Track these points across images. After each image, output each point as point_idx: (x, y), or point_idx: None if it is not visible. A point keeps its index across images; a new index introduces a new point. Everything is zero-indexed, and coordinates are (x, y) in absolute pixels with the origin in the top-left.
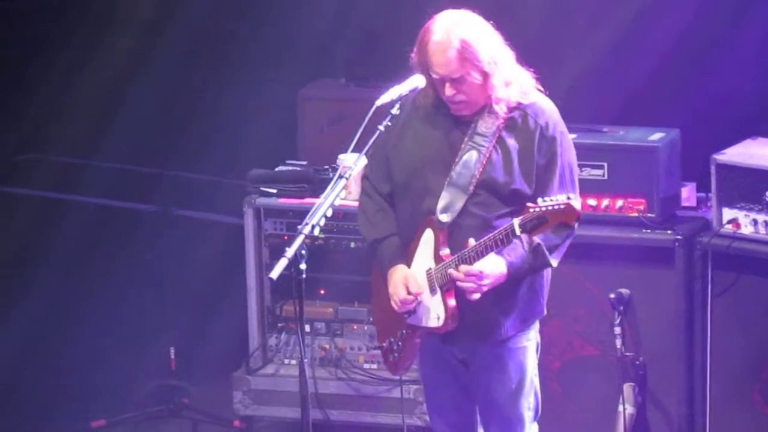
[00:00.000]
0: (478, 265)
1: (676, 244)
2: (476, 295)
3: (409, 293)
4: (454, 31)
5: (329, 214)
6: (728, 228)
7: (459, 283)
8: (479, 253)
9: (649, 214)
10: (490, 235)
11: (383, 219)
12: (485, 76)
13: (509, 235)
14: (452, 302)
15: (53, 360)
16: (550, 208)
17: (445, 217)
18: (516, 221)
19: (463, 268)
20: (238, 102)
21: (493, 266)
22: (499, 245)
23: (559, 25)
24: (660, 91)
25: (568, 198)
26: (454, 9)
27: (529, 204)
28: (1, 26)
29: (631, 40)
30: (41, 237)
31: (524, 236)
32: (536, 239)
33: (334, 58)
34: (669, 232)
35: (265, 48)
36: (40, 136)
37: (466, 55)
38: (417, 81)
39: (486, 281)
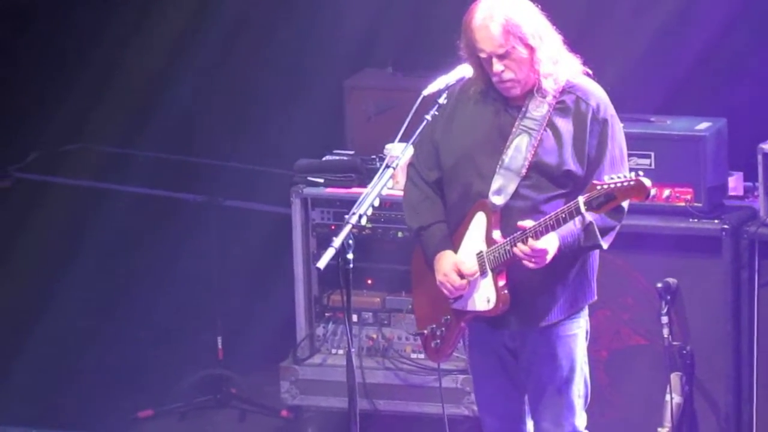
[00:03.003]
0: (543, 243)
1: (723, 233)
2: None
3: (462, 278)
4: (496, 8)
5: (376, 203)
6: None
7: (525, 261)
8: (540, 232)
9: (696, 204)
10: (553, 213)
11: (428, 207)
12: (531, 50)
13: (573, 213)
14: (503, 285)
15: (100, 350)
16: (618, 184)
17: (498, 200)
18: (581, 198)
19: (524, 247)
20: (285, 92)
21: (551, 242)
22: (561, 223)
23: (605, 15)
24: (707, 81)
25: (638, 174)
26: None
27: (596, 181)
28: (43, 17)
29: (678, 30)
30: (89, 227)
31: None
32: (588, 217)
33: (381, 47)
34: (716, 221)
35: (312, 37)
36: (86, 126)
37: (509, 28)
38: (464, 71)
39: (548, 257)
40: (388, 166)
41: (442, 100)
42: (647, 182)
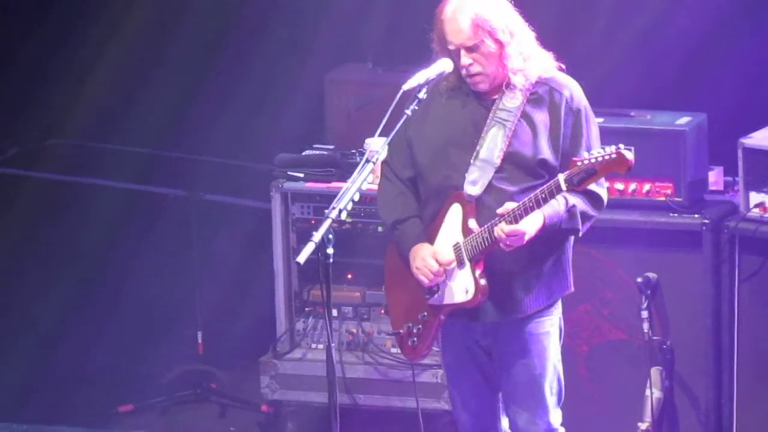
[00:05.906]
0: (522, 225)
1: (704, 228)
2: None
3: (440, 265)
4: (468, 0)
5: (356, 198)
6: (755, 212)
7: (502, 244)
8: (519, 216)
9: (677, 198)
10: (533, 193)
11: (404, 202)
12: (500, 45)
13: (553, 192)
14: (481, 273)
15: (80, 344)
16: (600, 158)
17: (473, 190)
18: (561, 176)
19: (507, 227)
20: (265, 86)
21: (534, 223)
22: (541, 204)
23: (586, 10)
24: (687, 75)
25: (618, 147)
26: None
27: (575, 158)
28: (23, 13)
29: (659, 25)
30: (68, 222)
31: (560, 196)
32: (571, 200)
33: (361, 42)
34: (696, 216)
35: (291, 31)
36: (66, 121)
37: (479, 22)
38: (444, 65)
39: (526, 237)
40: (368, 161)
41: (422, 95)
42: (629, 154)
